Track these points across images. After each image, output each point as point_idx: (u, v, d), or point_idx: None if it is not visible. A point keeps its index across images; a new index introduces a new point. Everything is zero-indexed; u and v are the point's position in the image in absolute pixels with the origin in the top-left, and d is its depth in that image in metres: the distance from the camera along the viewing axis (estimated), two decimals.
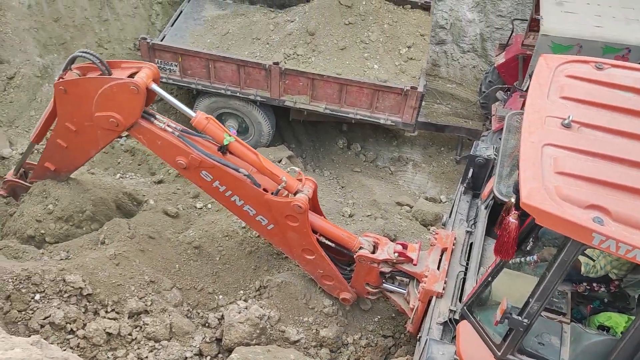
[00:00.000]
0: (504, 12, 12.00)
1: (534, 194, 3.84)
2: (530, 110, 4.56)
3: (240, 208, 6.10)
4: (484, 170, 6.98)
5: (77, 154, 6.61)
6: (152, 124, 5.82)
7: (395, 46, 10.32)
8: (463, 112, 12.18)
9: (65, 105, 5.98)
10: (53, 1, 11.00)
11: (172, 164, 5.99)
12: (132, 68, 5.80)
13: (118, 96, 5.56)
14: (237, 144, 5.81)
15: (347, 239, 6.34)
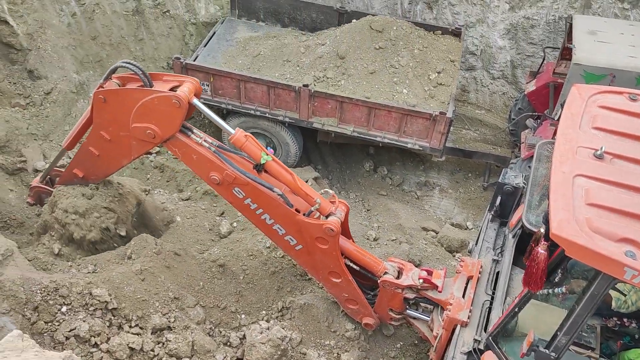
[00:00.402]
0: (535, 40, 11.94)
1: (564, 225, 3.78)
2: (561, 139, 4.51)
3: (270, 227, 6.07)
4: (512, 198, 6.89)
5: (108, 163, 6.61)
6: (189, 138, 5.81)
7: (425, 71, 10.34)
8: (491, 139, 12.10)
9: (102, 113, 5.97)
10: (91, 20, 11.34)
11: (206, 179, 5.97)
12: (173, 81, 5.79)
13: (158, 108, 5.55)
14: (274, 163, 5.77)
15: (372, 264, 6.30)
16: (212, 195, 9.57)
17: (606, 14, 11.08)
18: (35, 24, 10.60)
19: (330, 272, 6.28)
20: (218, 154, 5.78)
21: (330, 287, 6.55)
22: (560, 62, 10.31)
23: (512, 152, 11.37)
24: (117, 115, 5.85)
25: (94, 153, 6.47)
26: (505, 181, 6.90)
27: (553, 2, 11.45)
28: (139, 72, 5.65)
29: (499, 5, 11.83)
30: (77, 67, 10.97)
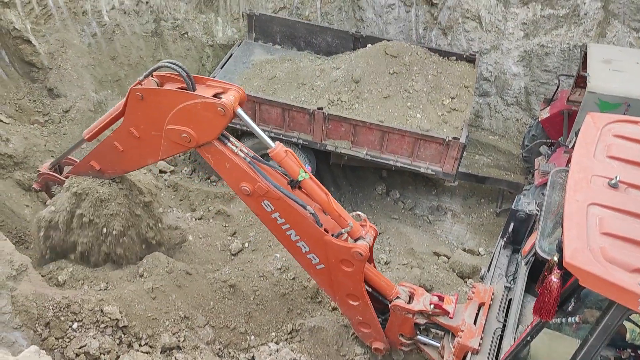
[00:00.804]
0: (549, 67, 11.98)
1: (578, 254, 3.76)
2: (576, 168, 4.51)
3: (294, 243, 5.93)
4: (525, 225, 6.86)
5: (132, 160, 6.36)
6: (225, 146, 5.63)
7: (438, 96, 10.40)
8: (505, 165, 12.08)
9: (136, 111, 5.76)
10: (111, 40, 11.57)
11: (235, 189, 5.78)
12: (217, 88, 5.57)
13: (201, 114, 5.36)
14: (310, 182, 5.59)
15: (386, 287, 6.27)
16: (224, 215, 9.62)
17: (621, 43, 11.11)
18: (56, 43, 10.83)
19: (348, 294, 6.22)
20: (252, 165, 5.60)
21: (346, 309, 6.49)
22: (575, 90, 10.33)
23: (526, 178, 11.34)
24: (152, 115, 5.64)
25: (118, 148, 6.22)
26: (518, 208, 6.88)
27: (568, 31, 11.51)
28: (183, 74, 5.48)
29: (513, 33, 11.91)
30: (95, 86, 11.16)
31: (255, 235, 9.09)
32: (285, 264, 8.17)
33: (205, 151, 5.69)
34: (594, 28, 11.36)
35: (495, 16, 11.93)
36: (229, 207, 9.81)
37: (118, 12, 11.58)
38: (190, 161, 11.61)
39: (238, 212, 9.59)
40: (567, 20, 11.45)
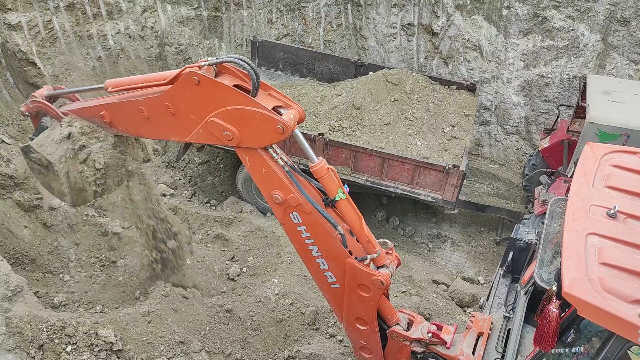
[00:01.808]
0: (549, 97, 12.08)
1: (577, 284, 3.74)
2: (574, 197, 4.51)
3: (313, 258, 5.77)
4: (524, 254, 6.82)
5: (154, 130, 5.88)
6: (267, 152, 5.35)
7: (439, 124, 10.46)
8: (505, 193, 12.07)
9: (184, 91, 5.38)
10: (115, 64, 11.70)
11: (266, 195, 5.55)
12: (279, 101, 5.34)
13: (257, 124, 5.12)
14: (346, 202, 5.45)
15: (388, 312, 6.21)
16: (223, 239, 9.60)
17: (620, 74, 11.21)
18: (61, 65, 10.95)
19: (357, 318, 6.11)
20: (290, 174, 5.39)
21: (352, 331, 6.39)
22: (575, 120, 10.39)
23: (526, 207, 11.32)
24: (201, 102, 5.34)
25: (144, 114, 5.74)
26: (517, 237, 6.85)
27: (567, 62, 11.63)
28: (253, 77, 5.15)
29: (513, 63, 12.03)
30: None
31: (254, 260, 9.05)
32: (283, 290, 8.12)
33: (244, 152, 5.39)
34: (594, 59, 11.49)
35: (495, 46, 12.07)
36: (227, 232, 9.78)
37: (123, 37, 11.74)
38: (190, 185, 11.63)
39: (237, 236, 9.57)
40: (566, 52, 11.57)
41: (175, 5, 12.24)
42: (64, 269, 9.26)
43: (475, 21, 12.24)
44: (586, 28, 11.21)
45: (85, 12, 11.25)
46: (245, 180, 10.98)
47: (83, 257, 9.49)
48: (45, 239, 9.42)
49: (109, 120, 6.07)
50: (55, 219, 9.54)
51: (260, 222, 10.06)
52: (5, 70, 10.62)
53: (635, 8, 10.65)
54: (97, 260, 9.52)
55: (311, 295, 8.28)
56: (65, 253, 9.48)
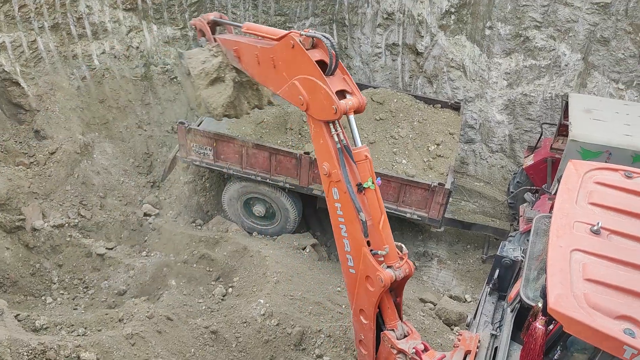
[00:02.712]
0: (532, 116, 12.22)
1: (562, 300, 3.74)
2: (558, 214, 4.54)
3: (341, 238, 6.17)
4: (510, 272, 6.82)
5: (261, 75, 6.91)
6: (327, 126, 5.91)
7: (424, 143, 10.52)
8: (490, 211, 12.13)
9: (283, 50, 6.16)
10: (100, 84, 11.66)
11: (319, 163, 6.10)
12: (347, 86, 5.90)
13: (319, 97, 5.74)
14: (373, 194, 5.86)
15: (390, 315, 6.25)
16: (208, 259, 9.51)
17: (601, 93, 11.39)
18: (45, 85, 10.90)
19: (361, 310, 6.30)
20: (340, 152, 5.88)
21: (356, 321, 6.54)
22: (558, 138, 10.51)
23: (511, 225, 11.37)
24: (291, 64, 6.09)
25: (257, 59, 6.74)
26: (503, 254, 6.85)
27: (550, 81, 11.80)
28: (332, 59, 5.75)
29: (497, 82, 12.18)
30: (83, 129, 11.18)
31: (240, 280, 8.98)
32: (269, 310, 8.05)
33: (311, 120, 6.03)
34: (575, 78, 11.67)
35: (479, 66, 12.23)
36: (213, 252, 9.71)
37: (108, 57, 11.73)
38: (175, 204, 11.54)
39: (222, 256, 9.49)
40: (548, 71, 11.75)
41: (161, 25, 12.27)
42: (46, 291, 9.13)
43: (458, 41, 12.40)
44: (567, 48, 11.40)
45: (70, 32, 11.24)
46: (231, 199, 10.93)
47: (66, 278, 9.38)
48: (27, 261, 9.31)
49: (238, 56, 7.32)
50: (38, 240, 9.44)
51: (246, 241, 10.00)
52: None
53: (614, 28, 10.87)
54: (81, 282, 9.40)
55: (297, 316, 8.20)
56: (47, 275, 9.36)
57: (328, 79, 5.70)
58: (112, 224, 10.28)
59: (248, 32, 7.04)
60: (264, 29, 6.76)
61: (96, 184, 10.71)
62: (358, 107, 5.84)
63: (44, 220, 9.56)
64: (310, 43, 5.89)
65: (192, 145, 10.38)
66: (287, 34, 6.04)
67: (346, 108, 5.65)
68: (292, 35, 5.96)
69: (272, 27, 6.67)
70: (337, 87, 5.77)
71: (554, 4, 11.03)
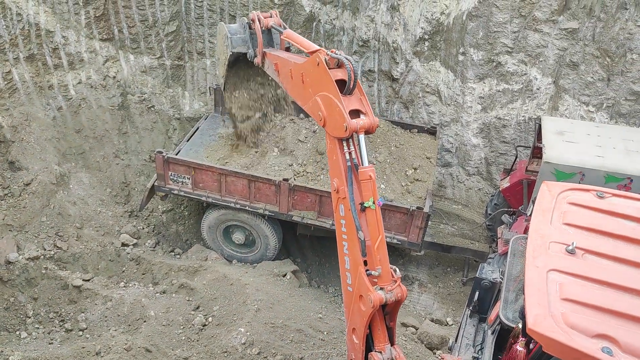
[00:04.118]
0: (507, 139, 12.44)
1: (540, 321, 3.78)
2: (534, 235, 4.61)
3: (343, 255, 6.24)
4: (490, 294, 6.86)
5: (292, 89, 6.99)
6: (340, 143, 6.04)
7: (401, 167, 10.62)
8: (469, 234, 12.23)
9: (310, 66, 6.30)
10: (77, 114, 11.60)
11: (331, 180, 6.25)
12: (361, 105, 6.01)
13: (334, 115, 5.89)
14: (373, 214, 5.88)
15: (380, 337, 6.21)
16: (187, 288, 9.40)
17: (572, 115, 11.66)
18: (20, 116, 10.80)
19: (354, 329, 6.28)
20: (349, 170, 5.98)
21: (349, 340, 6.52)
22: (532, 160, 10.70)
23: (490, 247, 11.46)
24: (314, 80, 6.25)
25: (291, 74, 6.89)
26: (482, 276, 6.90)
27: (522, 104, 12.05)
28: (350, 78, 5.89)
29: (471, 106, 12.41)
30: (59, 159, 11.06)
31: (220, 309, 8.87)
32: (250, 339, 7.95)
33: (327, 136, 6.16)
34: (547, 102, 11.94)
35: (453, 90, 12.45)
36: (192, 281, 9.60)
37: (85, 86, 11.69)
38: (154, 234, 11.43)
39: (202, 285, 9.39)
40: (521, 95, 12.01)
41: (137, 55, 12.30)
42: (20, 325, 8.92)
43: (433, 67, 12.64)
44: (538, 72, 11.69)
45: (45, 62, 11.20)
46: (210, 227, 10.86)
47: (41, 312, 9.18)
48: (1, 295, 9.11)
49: (277, 70, 7.47)
50: (12, 274, 9.26)
51: (225, 270, 9.91)
52: None
53: (582, 53, 11.20)
54: (57, 315, 9.20)
55: (279, 344, 8.12)
56: (22, 309, 9.16)
57: (345, 98, 5.87)
58: (89, 255, 10.12)
59: (286, 39, 7.36)
60: (300, 40, 7.00)
61: (72, 214, 10.57)
62: (369, 128, 5.96)
63: (19, 252, 9.38)
64: (335, 63, 6.07)
65: (170, 174, 10.33)
66: (316, 51, 6.22)
67: (357, 127, 5.79)
68: (320, 53, 6.13)
69: (306, 40, 6.89)
70: (353, 106, 5.93)
71: (524, 30, 11.34)
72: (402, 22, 12.47)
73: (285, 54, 7.61)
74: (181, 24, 12.54)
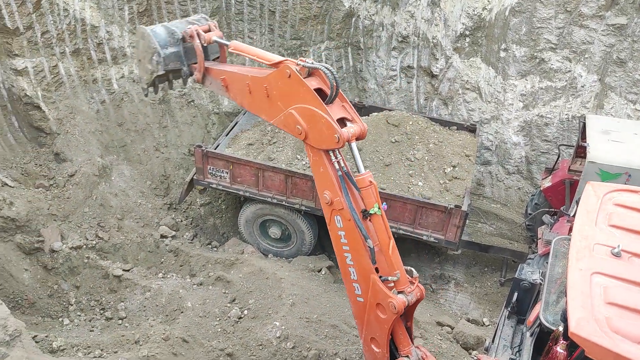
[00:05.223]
0: (549, 137, 12.16)
1: (583, 325, 3.68)
2: (577, 236, 4.49)
3: (347, 266, 6.09)
4: (529, 295, 6.73)
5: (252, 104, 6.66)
6: (327, 154, 5.87)
7: (440, 165, 10.49)
8: (508, 233, 12.01)
9: (278, 80, 6.04)
10: (119, 107, 11.85)
11: (320, 193, 6.02)
12: (347, 113, 5.85)
13: (320, 126, 5.67)
14: (380, 219, 5.77)
15: (402, 341, 6.16)
16: (224, 281, 9.52)
17: (619, 114, 11.30)
18: (66, 109, 11.09)
19: (372, 338, 6.18)
20: (342, 179, 5.83)
21: (367, 350, 6.41)
22: (575, 160, 10.43)
23: (529, 247, 11.24)
24: (287, 93, 5.97)
25: (249, 88, 6.50)
26: (522, 277, 6.77)
27: (566, 102, 11.75)
28: (333, 85, 5.71)
29: (512, 104, 12.16)
30: (101, 152, 11.33)
31: (255, 303, 8.95)
32: (284, 333, 8.00)
33: (309, 149, 5.97)
34: (592, 100, 11.61)
35: (494, 87, 12.23)
36: (229, 273, 9.71)
37: (127, 80, 11.93)
38: (192, 226, 11.60)
39: (238, 278, 9.49)
40: (564, 92, 11.71)
41: None
42: (63, 312, 9.19)
43: (473, 63, 12.44)
44: (583, 69, 11.37)
45: (90, 57, 11.47)
46: (247, 221, 10.96)
47: (83, 300, 9.43)
48: (45, 282, 9.38)
49: (226, 85, 6.89)
50: (56, 262, 9.53)
51: (262, 263, 9.99)
52: (10, 114, 10.76)
53: (630, 50, 10.84)
54: (97, 304, 9.44)
55: (313, 339, 8.14)
56: (65, 296, 9.43)
57: (328, 108, 5.64)
58: (129, 246, 10.35)
59: (236, 51, 6.77)
60: (254, 51, 6.58)
61: (114, 205, 10.82)
62: (360, 134, 5.78)
63: (63, 241, 9.65)
64: (306, 72, 5.85)
65: (209, 168, 10.47)
66: (282, 62, 5.95)
67: (349, 136, 5.60)
68: (288, 64, 5.87)
69: (262, 50, 6.52)
70: (338, 115, 5.73)
71: (569, 26, 11.04)
72: (443, 17, 12.30)
73: (235, 67, 7.04)
74: (221, 20, 12.66)
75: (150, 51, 7.04)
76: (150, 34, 6.95)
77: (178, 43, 7.10)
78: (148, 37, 7.00)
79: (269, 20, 12.81)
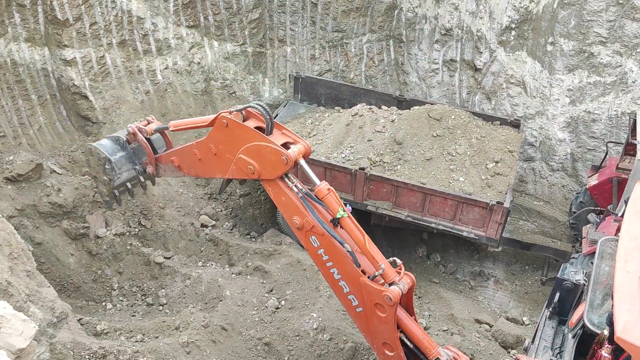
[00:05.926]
0: (596, 134, 11.80)
1: (631, 329, 3.58)
2: (626, 237, 4.36)
3: (337, 282, 6.23)
4: (572, 296, 6.58)
5: (205, 169, 7.09)
6: (283, 182, 6.21)
7: (482, 160, 10.32)
8: (550, 232, 11.75)
9: (219, 133, 6.51)
10: (163, 98, 12.07)
11: (289, 221, 6.29)
12: (289, 138, 6.31)
13: (267, 156, 6.07)
14: (348, 220, 6.01)
15: (427, 345, 6.10)
16: (262, 271, 9.62)
17: None
18: (111, 99, 11.37)
19: (384, 343, 6.19)
20: (304, 200, 6.11)
21: (382, 358, 6.38)
22: (624, 158, 10.10)
23: (573, 246, 10.97)
24: (230, 141, 6.40)
25: (197, 156, 6.96)
26: (564, 277, 6.63)
27: (615, 98, 11.38)
28: (267, 118, 6.20)
29: (558, 99, 11.85)
30: None
31: (292, 294, 9.02)
32: (321, 324, 8.04)
33: (267, 184, 6.36)
34: None
35: (540, 82, 11.93)
36: (267, 264, 9.81)
37: (171, 72, 12.13)
38: (231, 216, 11.75)
39: (276, 269, 9.57)
40: (614, 88, 11.34)
41: (221, 42, 12.60)
42: (106, 297, 9.45)
43: (519, 57, 12.16)
44: (635, 64, 10.97)
45: (136, 48, 11.71)
46: None
47: (125, 285, 9.68)
48: (90, 267, 9.67)
49: (178, 165, 7.39)
50: (100, 248, 9.79)
51: (299, 255, 10.05)
52: (59, 103, 11.09)
53: None
54: (139, 290, 9.67)
55: (350, 331, 8.16)
56: (108, 281, 9.69)
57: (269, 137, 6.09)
58: (170, 234, 10.56)
59: (176, 129, 7.30)
60: (191, 121, 7.24)
61: (156, 194, 11.04)
62: (305, 152, 6.19)
63: (107, 228, 9.92)
64: (241, 117, 6.33)
65: None
66: (217, 117, 6.41)
67: (295, 155, 6.00)
68: (222, 115, 6.35)
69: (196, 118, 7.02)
70: (280, 141, 6.16)
71: (621, 19, 10.67)
72: (488, 10, 12.05)
73: (177, 146, 7.55)
74: (264, 12, 12.73)
75: (102, 162, 7.67)
76: (97, 146, 7.68)
77: (124, 146, 7.79)
78: (96, 150, 7.67)
79: (311, 12, 12.81)
